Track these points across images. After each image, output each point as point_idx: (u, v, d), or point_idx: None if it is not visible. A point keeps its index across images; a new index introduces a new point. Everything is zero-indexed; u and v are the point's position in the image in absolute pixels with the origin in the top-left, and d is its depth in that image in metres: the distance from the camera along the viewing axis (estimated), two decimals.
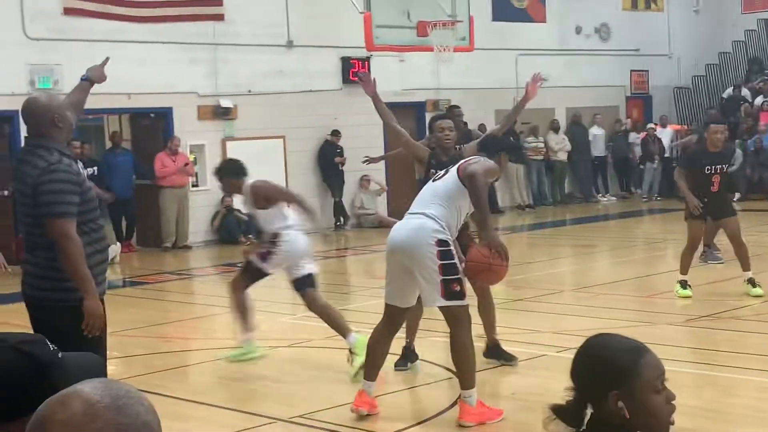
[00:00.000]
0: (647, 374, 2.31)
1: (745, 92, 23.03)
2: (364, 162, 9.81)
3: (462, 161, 6.12)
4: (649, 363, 2.33)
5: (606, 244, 15.75)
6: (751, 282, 9.58)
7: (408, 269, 5.92)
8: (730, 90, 23.39)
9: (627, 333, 2.43)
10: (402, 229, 5.97)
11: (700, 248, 10.88)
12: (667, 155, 21.33)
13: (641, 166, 21.98)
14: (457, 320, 5.92)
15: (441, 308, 5.97)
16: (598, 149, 22.21)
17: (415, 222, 5.91)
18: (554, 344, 7.72)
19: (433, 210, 5.88)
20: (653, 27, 23.74)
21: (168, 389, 7.10)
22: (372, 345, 6.23)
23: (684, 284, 9.72)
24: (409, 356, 7.37)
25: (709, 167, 9.47)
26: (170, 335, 9.65)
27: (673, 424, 2.35)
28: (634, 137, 22.29)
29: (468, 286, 6.17)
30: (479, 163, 5.97)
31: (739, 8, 24.89)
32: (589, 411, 2.35)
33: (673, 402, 2.35)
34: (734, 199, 20.25)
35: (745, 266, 9.65)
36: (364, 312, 10.28)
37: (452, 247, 5.88)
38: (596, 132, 22.16)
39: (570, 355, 2.48)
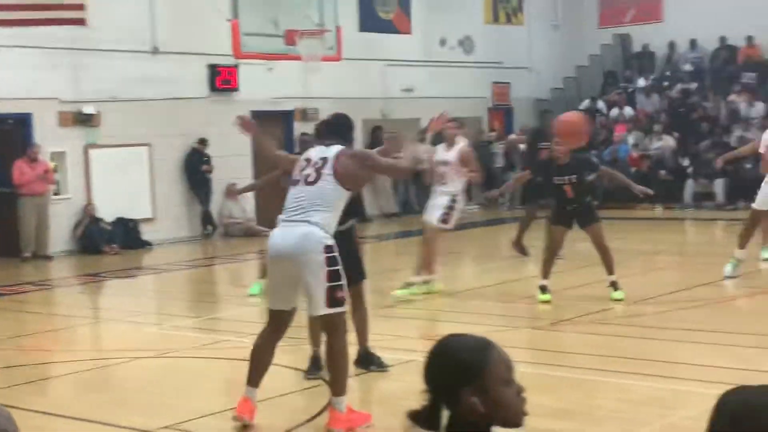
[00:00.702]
0: (496, 368, 2.34)
1: (600, 104, 23.88)
2: (231, 194, 9.84)
3: (333, 160, 5.95)
4: (496, 357, 2.36)
5: (471, 251, 16.05)
6: (614, 285, 9.90)
7: (293, 276, 5.87)
8: (586, 102, 24.19)
9: (493, 337, 2.45)
10: (288, 236, 5.85)
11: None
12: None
13: (504, 176, 22.49)
14: (336, 327, 5.93)
15: (322, 315, 5.93)
16: None
17: (302, 229, 5.82)
18: (422, 349, 7.77)
19: (317, 216, 5.84)
20: (514, 40, 24.37)
21: (28, 403, 6.88)
22: (256, 351, 6.12)
23: (544, 289, 9.99)
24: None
25: (558, 178, 9.80)
26: (29, 347, 9.34)
27: (527, 414, 2.38)
28: (497, 147, 22.79)
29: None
30: (355, 152, 6.02)
31: (596, 23, 25.80)
32: (446, 413, 2.35)
33: (523, 394, 2.39)
34: None
35: (610, 270, 9.96)
36: (234, 321, 10.21)
37: (337, 253, 5.86)
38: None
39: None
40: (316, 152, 6.12)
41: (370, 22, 21.17)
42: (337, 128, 6.34)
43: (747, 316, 9.18)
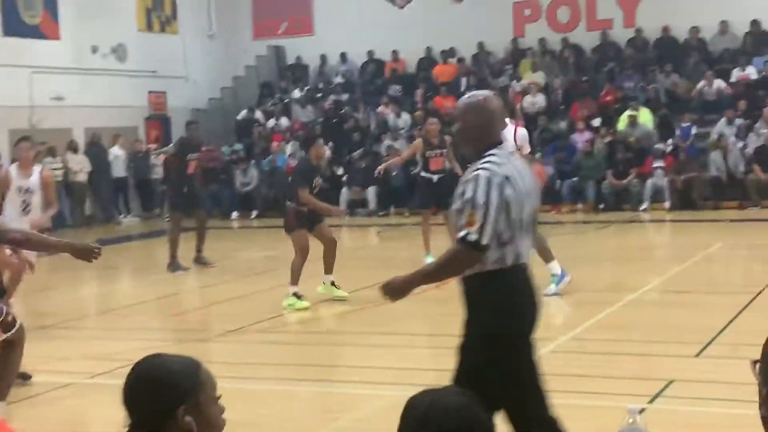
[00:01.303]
0: (207, 387, 2.36)
1: (258, 115, 24.16)
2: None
3: None
4: (207, 375, 2.37)
5: (130, 265, 15.63)
6: (334, 284, 9.95)
7: None
8: (244, 112, 24.40)
9: (162, 351, 2.43)
10: None
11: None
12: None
13: (163, 187, 22.11)
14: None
15: None
16: (119, 170, 21.99)
17: None
18: (86, 371, 7.45)
19: None
20: (169, 49, 24.05)
21: None
22: None
23: (298, 296, 9.82)
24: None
25: (317, 179, 9.95)
26: None
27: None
28: (155, 159, 22.35)
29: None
30: None
31: (250, 35, 26.09)
32: None
33: (223, 415, 2.40)
34: (252, 216, 21.18)
35: (328, 270, 10.11)
36: None
37: None
38: (117, 152, 21.93)
39: (105, 381, 2.43)
40: None
41: (14, 26, 20.02)
42: None
43: (412, 318, 9.53)
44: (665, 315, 9.11)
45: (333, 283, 10.17)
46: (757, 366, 2.07)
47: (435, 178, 12.40)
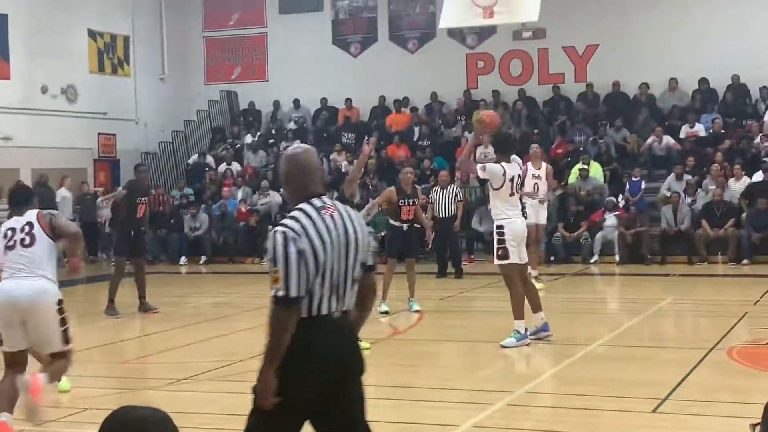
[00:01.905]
0: None
1: (209, 159, 23.99)
2: None
3: (38, 219, 7.09)
4: (174, 424, 2.44)
5: (75, 310, 15.18)
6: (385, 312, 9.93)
7: (25, 323, 6.76)
8: (195, 157, 24.22)
9: (110, 400, 2.41)
10: (25, 289, 6.75)
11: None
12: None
13: (109, 230, 21.76)
14: (69, 355, 6.99)
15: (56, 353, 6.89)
16: (66, 212, 21.61)
17: (39, 285, 6.82)
18: (23, 418, 7.21)
19: (49, 273, 6.90)
20: (120, 91, 23.88)
21: None
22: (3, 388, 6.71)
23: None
24: None
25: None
26: None
27: None
28: (101, 203, 21.99)
29: None
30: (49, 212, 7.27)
31: (203, 79, 26.00)
32: None
33: None
34: (201, 262, 20.93)
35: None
36: None
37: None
38: (64, 194, 21.59)
39: (53, 428, 2.34)
40: (15, 222, 7.19)
41: None
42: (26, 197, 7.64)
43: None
44: (619, 369, 9.08)
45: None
46: (757, 429, 2.02)
47: (405, 227, 12.42)
